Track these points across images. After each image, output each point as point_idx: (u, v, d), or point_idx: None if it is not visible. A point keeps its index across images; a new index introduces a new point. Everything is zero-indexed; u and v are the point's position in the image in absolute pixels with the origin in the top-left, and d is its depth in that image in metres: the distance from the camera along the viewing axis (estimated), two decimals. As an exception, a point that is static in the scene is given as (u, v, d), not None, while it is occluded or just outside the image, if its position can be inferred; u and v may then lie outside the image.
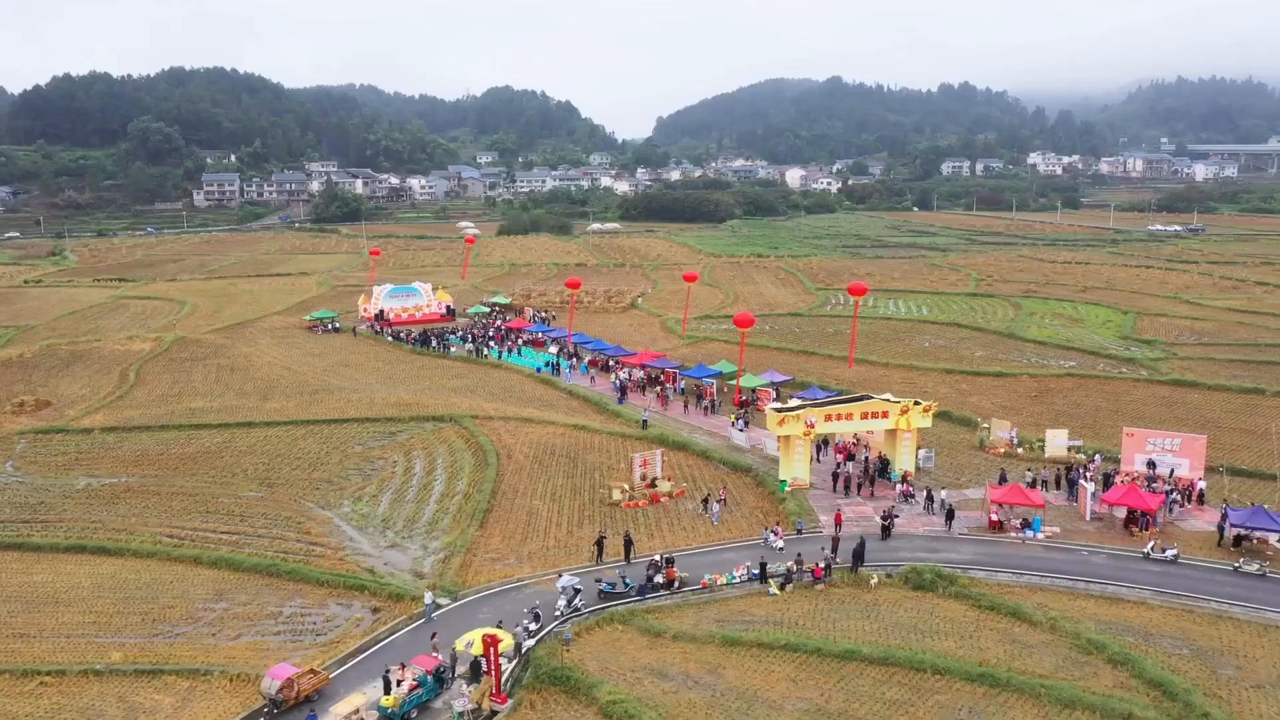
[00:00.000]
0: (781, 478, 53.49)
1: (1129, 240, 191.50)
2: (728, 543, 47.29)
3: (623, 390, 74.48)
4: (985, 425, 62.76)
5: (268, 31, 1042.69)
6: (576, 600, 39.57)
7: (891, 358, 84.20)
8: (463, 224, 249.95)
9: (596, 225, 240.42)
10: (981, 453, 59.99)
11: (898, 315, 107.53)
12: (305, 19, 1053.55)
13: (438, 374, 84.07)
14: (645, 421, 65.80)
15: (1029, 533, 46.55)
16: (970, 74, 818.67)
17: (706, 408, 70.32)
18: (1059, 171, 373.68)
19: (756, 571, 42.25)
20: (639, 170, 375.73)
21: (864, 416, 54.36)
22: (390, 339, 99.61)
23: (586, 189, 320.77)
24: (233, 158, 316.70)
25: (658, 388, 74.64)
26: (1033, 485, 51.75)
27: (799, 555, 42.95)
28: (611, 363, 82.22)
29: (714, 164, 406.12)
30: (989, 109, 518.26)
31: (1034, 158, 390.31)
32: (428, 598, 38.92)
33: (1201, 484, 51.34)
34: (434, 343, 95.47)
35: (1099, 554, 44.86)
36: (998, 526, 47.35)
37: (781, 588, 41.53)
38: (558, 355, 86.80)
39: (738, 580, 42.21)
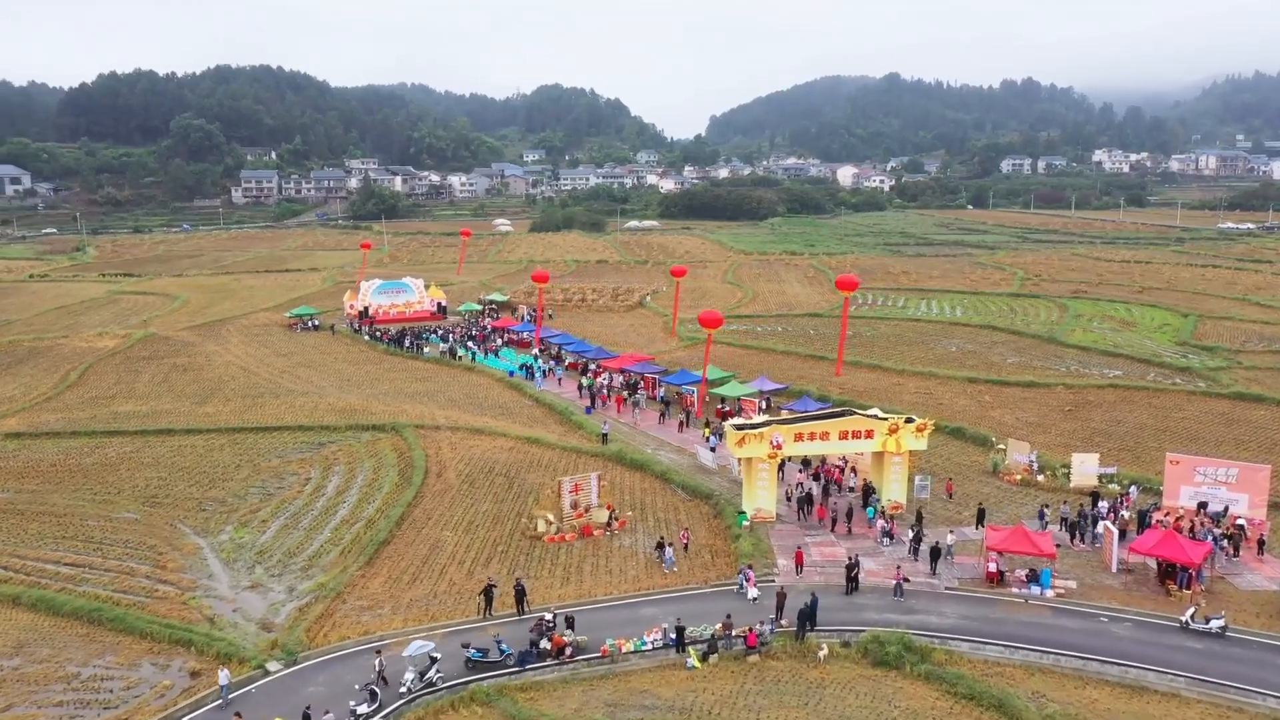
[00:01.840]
0: (743, 509, 44.50)
1: (1196, 239, 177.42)
2: (661, 591, 38.29)
3: (592, 398, 65.88)
4: (1001, 446, 52.97)
5: (323, 31, 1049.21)
6: (431, 672, 31.09)
7: (910, 364, 74.50)
8: (498, 221, 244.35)
9: (634, 223, 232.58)
10: (994, 479, 50.28)
11: (928, 316, 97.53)
12: (360, 18, 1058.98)
13: (402, 377, 76.37)
14: (605, 435, 57.13)
15: (1035, 588, 36.88)
16: (1034, 70, 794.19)
17: (681, 421, 61.26)
18: (1126, 169, 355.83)
19: (674, 636, 33.32)
20: (687, 168, 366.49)
21: (843, 436, 44.93)
22: (367, 338, 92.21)
23: (629, 187, 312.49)
24: (273, 155, 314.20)
25: (625, 394, 65.65)
26: (1062, 526, 42.04)
27: (728, 616, 33.87)
28: (591, 366, 73.69)
29: (765, 162, 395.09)
30: (1053, 105, 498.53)
31: (1099, 155, 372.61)
32: (222, 677, 30.50)
33: (1240, 519, 41.05)
34: (409, 342, 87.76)
35: (1122, 620, 34.98)
36: (996, 579, 37.75)
37: (704, 659, 32.61)
38: (534, 357, 78.48)
39: (648, 647, 33.28)
